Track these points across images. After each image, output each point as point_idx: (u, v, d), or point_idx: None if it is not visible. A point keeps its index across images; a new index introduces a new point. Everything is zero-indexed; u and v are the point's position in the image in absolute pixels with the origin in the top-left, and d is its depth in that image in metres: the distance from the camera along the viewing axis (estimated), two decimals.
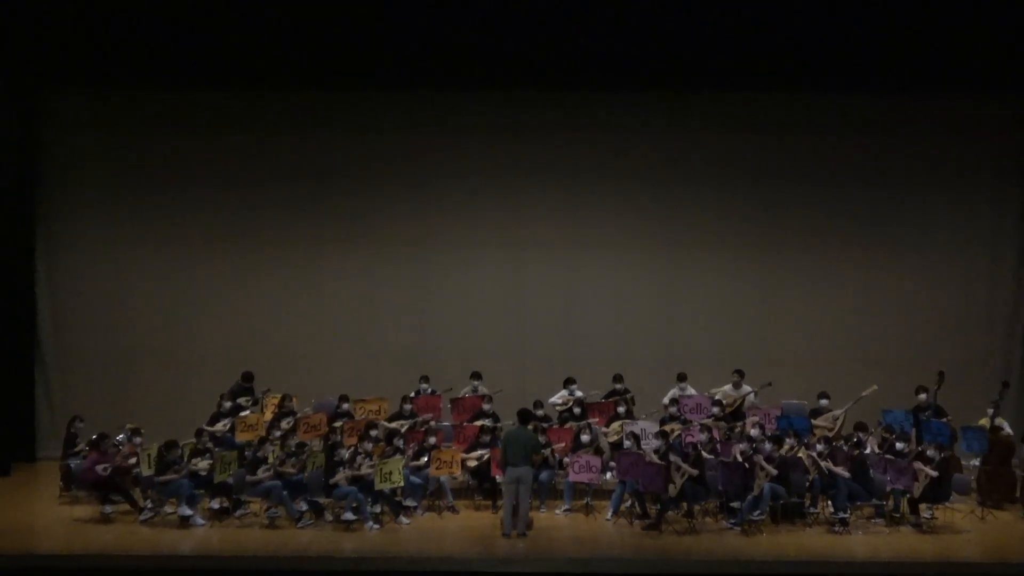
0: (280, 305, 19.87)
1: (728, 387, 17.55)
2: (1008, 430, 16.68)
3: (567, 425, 17.02)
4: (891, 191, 19.71)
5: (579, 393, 17.58)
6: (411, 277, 19.90)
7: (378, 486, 14.99)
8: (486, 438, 16.35)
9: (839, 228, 19.75)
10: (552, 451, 16.16)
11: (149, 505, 15.36)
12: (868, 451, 15.68)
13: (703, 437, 15.86)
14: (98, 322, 19.75)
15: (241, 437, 16.52)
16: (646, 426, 16.56)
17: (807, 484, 15.21)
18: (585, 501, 16.01)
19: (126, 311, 19.77)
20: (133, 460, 15.56)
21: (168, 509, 15.42)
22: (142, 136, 19.70)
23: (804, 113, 19.62)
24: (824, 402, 17.09)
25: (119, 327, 19.72)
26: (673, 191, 19.79)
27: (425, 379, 17.89)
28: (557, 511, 15.92)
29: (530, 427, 15.16)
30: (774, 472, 14.88)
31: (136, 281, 19.84)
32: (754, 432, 15.85)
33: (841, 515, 14.87)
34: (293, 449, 15.61)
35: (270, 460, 15.45)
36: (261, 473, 15.24)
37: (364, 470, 15.14)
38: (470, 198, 19.88)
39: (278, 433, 16.25)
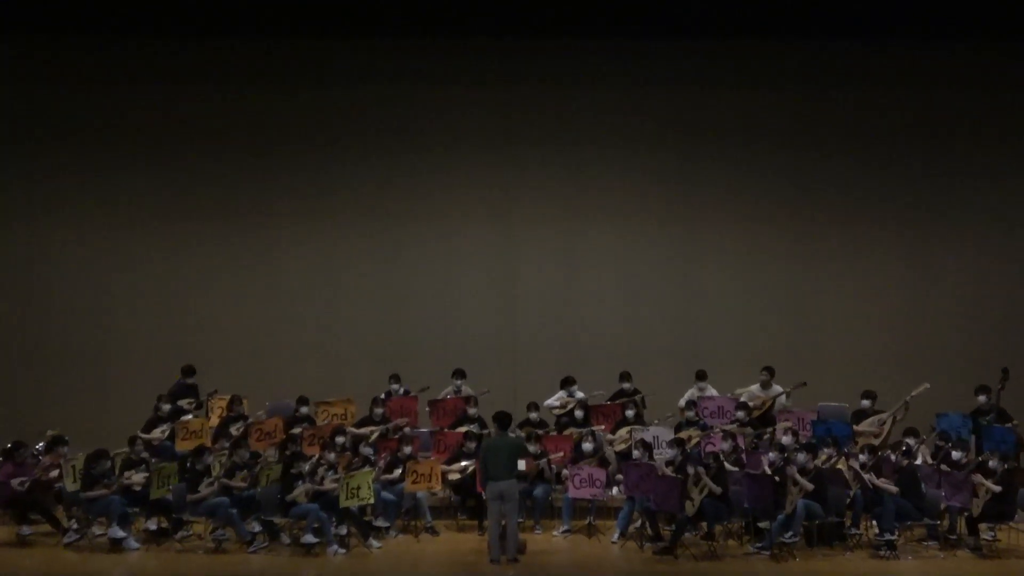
0: (228, 291, 19.83)
1: (755, 387, 17.52)
2: None
3: (566, 432, 16.98)
4: (947, 155, 19.75)
5: (580, 394, 17.58)
6: (382, 258, 19.93)
7: (343, 503, 14.91)
8: (471, 446, 16.25)
9: (886, 199, 19.77)
10: (548, 462, 16.10)
11: (74, 526, 15.27)
12: (919, 462, 15.66)
13: (726, 446, 15.80)
14: (10, 311, 19.70)
15: (182, 446, 16.51)
16: (659, 433, 16.58)
17: (848, 501, 15.17)
18: (587, 521, 15.95)
19: (45, 298, 19.74)
20: (55, 473, 15.47)
21: (96, 530, 15.31)
22: (61, 92, 19.62)
23: (842, 63, 19.68)
24: (867, 403, 17.07)
25: (36, 317, 19.70)
26: (689, 156, 19.82)
27: (397, 378, 17.89)
28: (555, 532, 15.90)
29: (521, 433, 15.01)
30: (809, 487, 14.78)
31: (57, 263, 19.80)
32: (786, 440, 15.80)
33: (888, 537, 14.78)
34: (244, 460, 15.55)
35: (216, 472, 15.35)
36: (206, 488, 15.12)
37: (327, 485, 15.06)
38: (451, 163, 19.85)
39: (226, 441, 16.27)
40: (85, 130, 19.70)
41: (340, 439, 16.14)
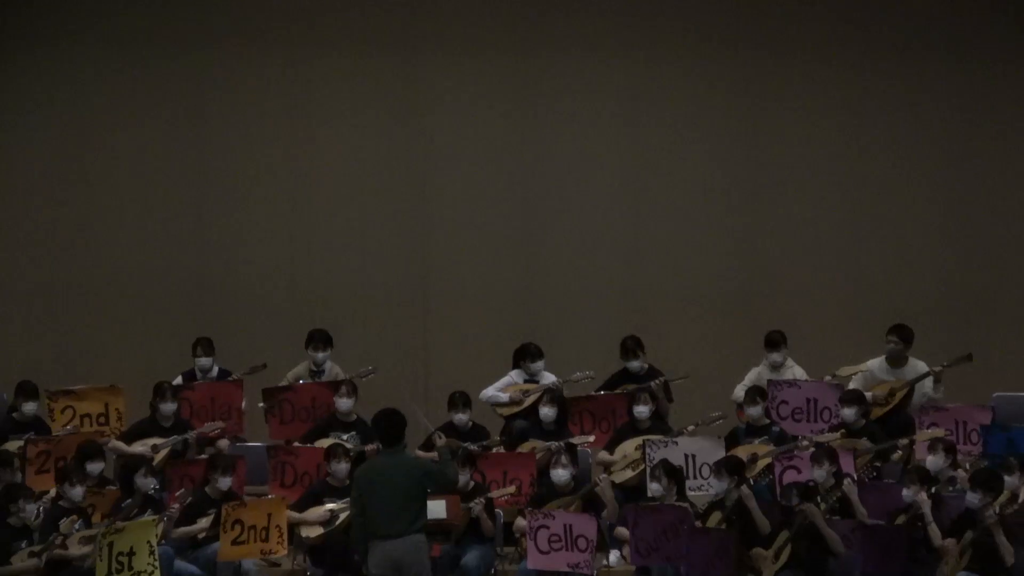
0: None
1: (876, 362, 17.48)
2: None
3: (523, 447, 16.77)
4: None
5: (549, 378, 17.57)
6: (186, 135, 20.22)
7: None
8: (342, 472, 16.10)
9: None
10: (490, 504, 15.89)
11: None
12: None
13: (821, 473, 15.60)
14: None
15: None
16: (696, 449, 16.61)
17: None
18: None
19: None
20: None
21: None
22: None
23: None
24: None
25: None
26: None
27: (206, 347, 17.80)
28: None
29: (432, 455, 15.00)
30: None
31: None
32: (934, 460, 15.75)
33: None
34: None
35: None
36: None
37: (74, 548, 14.91)
38: None
39: None
40: None
41: (95, 466, 15.76)
